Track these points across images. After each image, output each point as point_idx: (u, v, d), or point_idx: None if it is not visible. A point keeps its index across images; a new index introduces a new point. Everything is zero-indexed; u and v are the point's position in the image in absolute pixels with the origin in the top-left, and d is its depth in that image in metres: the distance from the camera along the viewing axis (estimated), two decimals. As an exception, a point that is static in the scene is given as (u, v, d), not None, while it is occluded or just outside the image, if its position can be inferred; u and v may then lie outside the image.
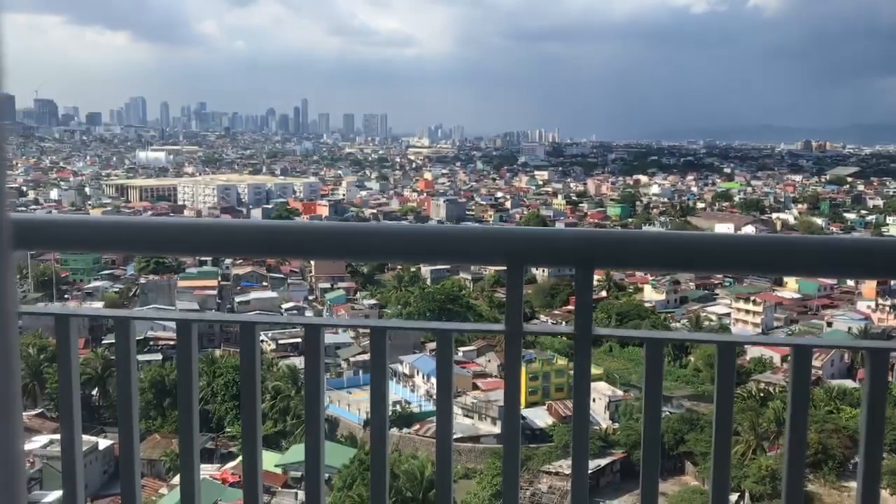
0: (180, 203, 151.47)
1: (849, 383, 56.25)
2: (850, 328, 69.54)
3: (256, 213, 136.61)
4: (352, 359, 61.19)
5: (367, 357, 62.62)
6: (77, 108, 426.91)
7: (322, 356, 2.39)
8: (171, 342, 61.17)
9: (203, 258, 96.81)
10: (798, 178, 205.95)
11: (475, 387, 56.81)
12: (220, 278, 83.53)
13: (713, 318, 77.97)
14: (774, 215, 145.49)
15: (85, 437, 42.43)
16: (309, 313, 79.74)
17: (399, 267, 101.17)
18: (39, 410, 48.17)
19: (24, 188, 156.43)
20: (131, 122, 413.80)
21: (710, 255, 2.21)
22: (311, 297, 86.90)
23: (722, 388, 2.27)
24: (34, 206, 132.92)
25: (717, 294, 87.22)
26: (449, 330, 2.38)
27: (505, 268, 2.26)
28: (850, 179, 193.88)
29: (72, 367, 2.43)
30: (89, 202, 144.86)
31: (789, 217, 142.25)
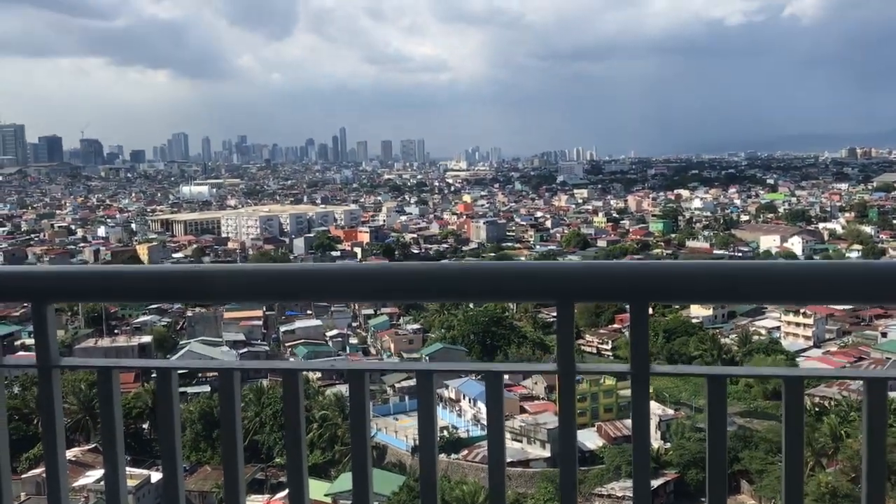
0: (224, 235, 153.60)
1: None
2: (906, 338, 67.64)
3: (299, 243, 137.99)
4: (397, 385, 61.13)
5: (412, 382, 62.62)
6: (121, 147, 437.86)
7: (367, 400, 2.31)
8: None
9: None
10: (844, 186, 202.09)
11: (523, 410, 56.29)
12: (265, 308, 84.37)
13: (762, 332, 76.45)
14: (821, 225, 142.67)
15: (137, 471, 42.99)
16: (353, 340, 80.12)
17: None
18: (93, 445, 48.83)
19: (73, 227, 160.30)
20: (174, 158, 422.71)
21: (771, 285, 2.13)
22: (354, 324, 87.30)
23: (791, 425, 2.15)
24: (82, 244, 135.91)
25: (766, 307, 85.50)
26: (500, 372, 2.28)
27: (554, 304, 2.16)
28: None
29: (115, 419, 2.40)
30: (135, 238, 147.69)
31: (836, 226, 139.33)
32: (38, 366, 2.38)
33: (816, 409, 51.38)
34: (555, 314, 2.21)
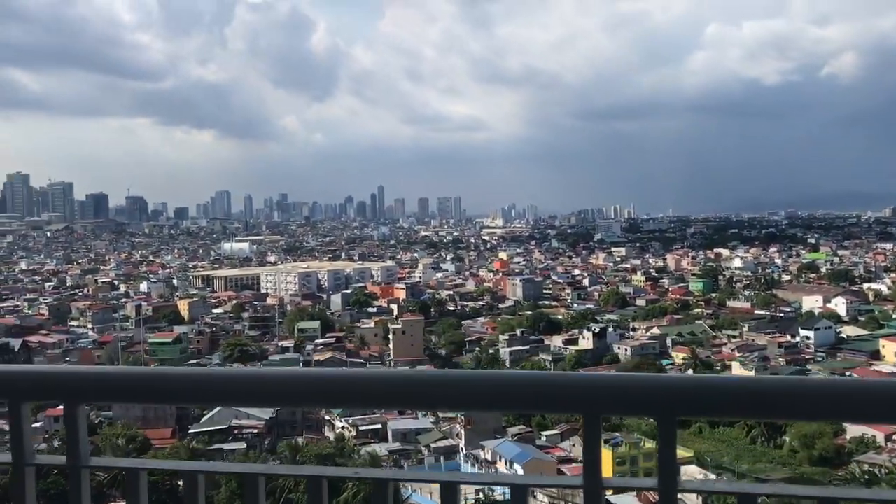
0: (263, 291, 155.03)
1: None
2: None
3: (336, 299, 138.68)
4: (433, 445, 60.46)
5: (448, 443, 61.77)
6: (166, 204, 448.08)
7: None
8: (255, 430, 61.82)
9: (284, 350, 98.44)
10: (888, 245, 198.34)
11: (560, 472, 55.23)
12: (301, 366, 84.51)
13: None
14: (865, 286, 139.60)
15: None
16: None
17: (478, 349, 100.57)
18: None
19: (116, 282, 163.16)
20: (217, 215, 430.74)
21: (803, 402, 2.09)
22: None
23: None
24: (125, 300, 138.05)
25: (810, 370, 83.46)
26: (525, 485, 2.27)
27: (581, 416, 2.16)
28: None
29: None
30: (177, 294, 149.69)
31: (882, 287, 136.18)
32: (67, 465, 2.43)
33: (866, 477, 49.60)
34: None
